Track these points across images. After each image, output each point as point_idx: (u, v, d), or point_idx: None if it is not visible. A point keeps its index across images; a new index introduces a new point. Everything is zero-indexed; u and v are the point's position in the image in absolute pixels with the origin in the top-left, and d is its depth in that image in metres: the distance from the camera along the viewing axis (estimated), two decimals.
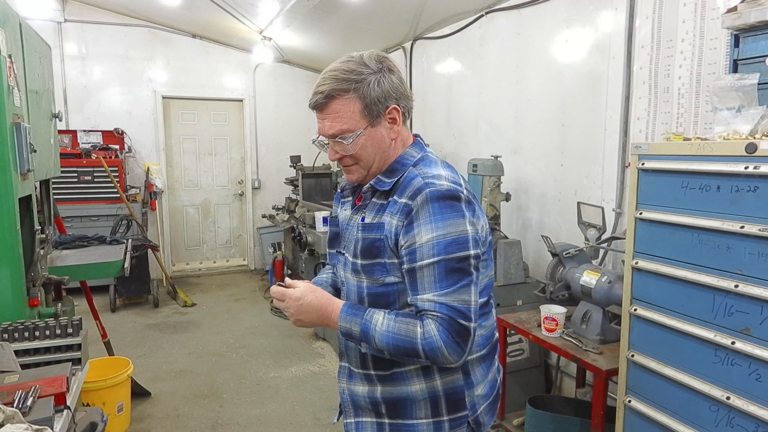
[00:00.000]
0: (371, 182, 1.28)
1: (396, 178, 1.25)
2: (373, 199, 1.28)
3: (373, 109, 1.21)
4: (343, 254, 1.34)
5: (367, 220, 1.26)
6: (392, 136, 1.26)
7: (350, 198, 1.40)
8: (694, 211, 1.72)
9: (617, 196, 2.93)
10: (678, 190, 1.77)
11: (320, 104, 1.23)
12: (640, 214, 1.91)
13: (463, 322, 1.13)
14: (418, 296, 1.16)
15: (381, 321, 1.18)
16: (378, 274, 1.23)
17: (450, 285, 1.14)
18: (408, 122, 1.31)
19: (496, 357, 1.40)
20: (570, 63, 3.26)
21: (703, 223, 1.68)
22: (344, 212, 1.39)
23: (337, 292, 1.47)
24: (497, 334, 1.42)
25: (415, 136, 1.35)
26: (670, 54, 2.60)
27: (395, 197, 1.22)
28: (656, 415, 1.89)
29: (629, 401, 2.01)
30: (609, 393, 2.32)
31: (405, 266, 1.18)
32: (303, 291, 1.26)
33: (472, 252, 1.16)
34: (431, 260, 1.14)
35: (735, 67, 1.96)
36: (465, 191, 1.21)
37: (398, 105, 1.24)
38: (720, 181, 1.64)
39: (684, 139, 1.82)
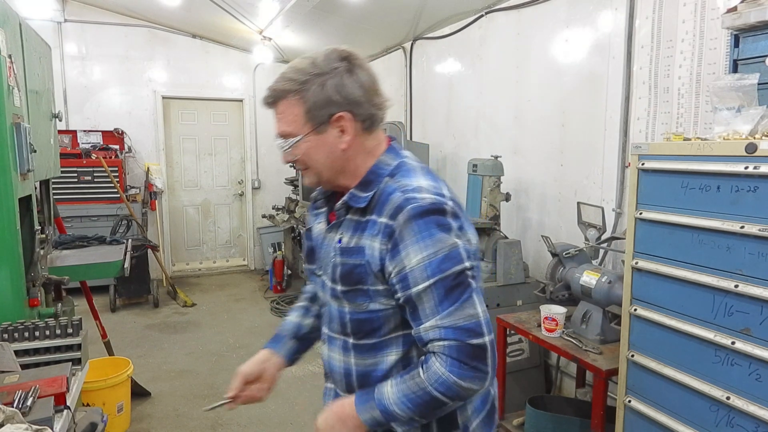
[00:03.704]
0: (345, 198, 1.16)
1: (372, 192, 1.13)
2: (348, 216, 1.17)
3: (316, 115, 1.11)
4: (319, 275, 1.25)
5: (345, 243, 1.15)
6: (342, 146, 1.13)
7: (324, 209, 1.29)
8: (694, 211, 1.72)
9: (617, 196, 2.93)
10: (678, 190, 1.77)
11: (268, 102, 1.17)
12: (640, 214, 1.91)
13: (475, 341, 1.04)
14: (422, 326, 1.07)
15: (389, 390, 1.09)
16: (360, 301, 1.14)
17: (452, 303, 1.04)
18: (375, 129, 1.18)
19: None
20: (570, 63, 3.26)
21: (703, 223, 1.68)
22: (318, 226, 1.28)
23: (301, 343, 1.42)
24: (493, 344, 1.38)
25: (390, 138, 1.23)
26: (670, 54, 2.60)
27: (374, 216, 1.11)
28: (656, 415, 1.89)
29: (629, 401, 2.01)
30: (609, 393, 2.32)
31: (399, 295, 1.09)
32: (319, 422, 1.17)
33: (467, 264, 1.07)
34: (427, 283, 1.04)
35: (735, 67, 1.96)
36: (450, 202, 1.10)
37: (351, 112, 1.12)
38: (720, 181, 1.64)
39: (684, 139, 1.82)
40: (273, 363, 1.38)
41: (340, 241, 1.17)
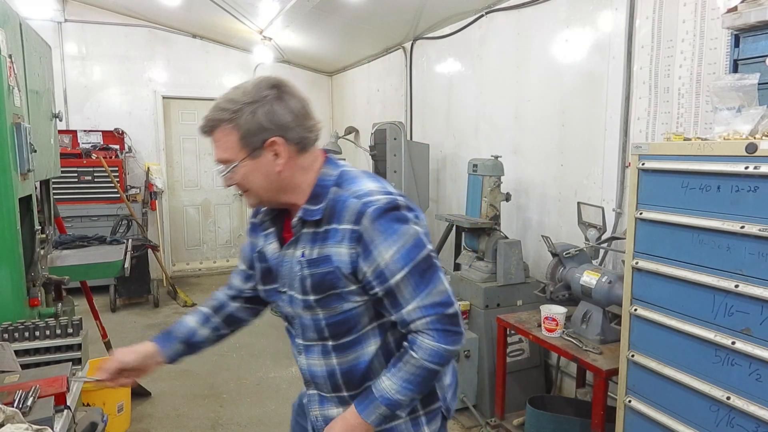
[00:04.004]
0: (299, 214, 1.22)
1: (323, 204, 1.20)
2: (305, 230, 1.23)
3: (250, 141, 1.17)
4: (284, 292, 1.30)
5: (308, 255, 1.21)
6: (277, 168, 1.19)
7: (272, 229, 1.33)
8: (695, 211, 1.72)
9: (617, 196, 2.93)
10: (678, 190, 1.77)
11: (205, 131, 1.23)
12: (641, 214, 1.91)
13: (450, 311, 1.19)
14: (404, 310, 1.18)
15: (388, 383, 1.20)
16: (335, 304, 1.22)
17: (427, 285, 1.18)
18: (309, 149, 1.23)
19: None
20: (570, 63, 3.26)
21: (704, 223, 1.68)
22: (270, 246, 1.32)
23: (189, 348, 1.44)
24: None
25: (325, 152, 1.29)
26: (671, 54, 2.60)
27: (334, 225, 1.18)
28: (656, 415, 1.89)
29: (629, 401, 2.01)
30: (609, 393, 2.32)
31: (377, 290, 1.18)
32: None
33: (429, 246, 1.20)
34: (403, 273, 1.16)
35: (735, 67, 1.96)
36: (400, 197, 1.20)
37: (282, 136, 1.17)
38: (720, 181, 1.64)
39: (684, 139, 1.83)
40: (155, 360, 1.42)
41: (303, 254, 1.23)
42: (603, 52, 3.01)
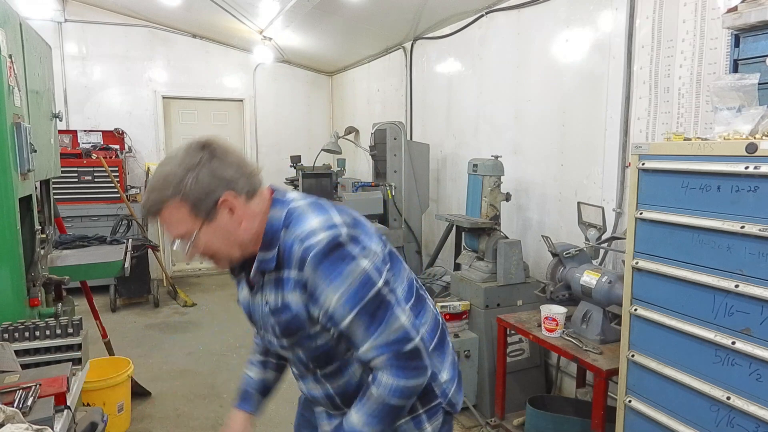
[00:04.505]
0: (255, 266, 1.22)
1: (275, 250, 1.19)
2: (266, 277, 1.24)
3: (202, 207, 1.14)
4: (264, 335, 1.34)
5: (272, 304, 1.23)
6: (234, 224, 1.18)
7: (242, 274, 1.34)
8: (695, 211, 1.72)
9: (617, 196, 2.93)
10: (678, 190, 1.77)
11: (152, 214, 1.18)
12: (641, 214, 1.91)
13: (408, 347, 1.16)
14: (360, 350, 1.18)
15: (355, 417, 1.21)
16: (307, 342, 1.25)
17: (379, 325, 1.15)
18: (257, 195, 1.22)
19: (447, 339, 1.43)
20: (570, 63, 3.26)
21: (704, 223, 1.68)
22: (243, 292, 1.35)
23: (267, 394, 1.55)
24: (441, 318, 1.44)
25: (271, 189, 1.27)
26: (671, 54, 2.60)
27: (286, 271, 1.18)
28: (657, 415, 1.89)
29: (629, 401, 2.01)
30: (609, 393, 2.32)
31: (333, 330, 1.20)
32: None
33: (380, 283, 1.16)
34: (351, 316, 1.14)
35: (735, 67, 1.96)
36: (343, 229, 1.16)
37: (232, 190, 1.16)
38: (720, 181, 1.64)
39: (684, 139, 1.82)
40: (252, 422, 1.52)
41: (267, 303, 1.25)
42: (603, 52, 3.01)
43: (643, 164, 1.89)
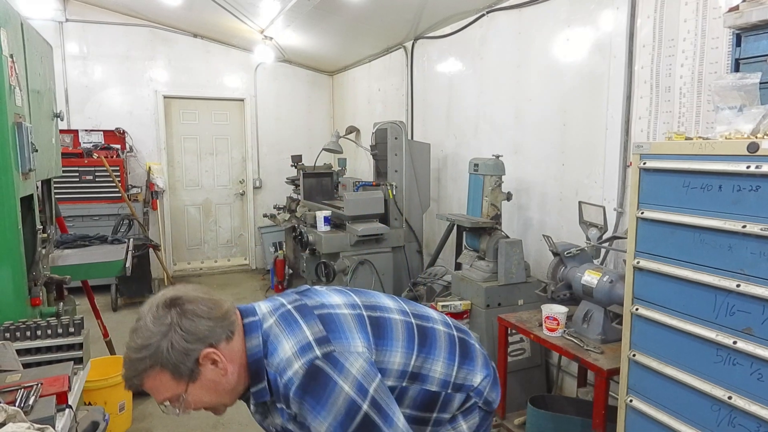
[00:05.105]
0: (252, 401, 1.24)
1: (264, 381, 1.19)
2: (268, 404, 1.25)
3: (184, 369, 1.13)
4: None
5: (279, 428, 1.26)
6: (220, 375, 1.17)
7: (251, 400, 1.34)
8: (696, 211, 1.72)
9: (618, 196, 2.92)
10: (680, 190, 1.77)
11: (134, 386, 1.17)
12: (642, 213, 1.91)
13: None
14: None
15: None
16: None
17: None
18: (236, 334, 1.19)
19: (468, 344, 1.45)
20: (571, 62, 3.26)
21: (705, 222, 1.68)
22: (256, 417, 1.36)
23: None
24: (452, 326, 1.46)
25: (240, 314, 1.23)
26: (672, 53, 2.59)
27: (278, 404, 1.20)
28: (658, 414, 1.89)
29: (631, 401, 2.01)
30: (610, 393, 2.32)
31: None
32: None
33: (365, 406, 1.14)
34: None
35: (737, 67, 1.96)
36: (317, 350, 1.14)
37: (209, 344, 1.14)
38: (722, 181, 1.63)
39: (686, 139, 1.82)
40: None
41: (275, 427, 1.27)
42: (604, 51, 3.00)
43: (644, 164, 1.88)
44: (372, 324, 1.27)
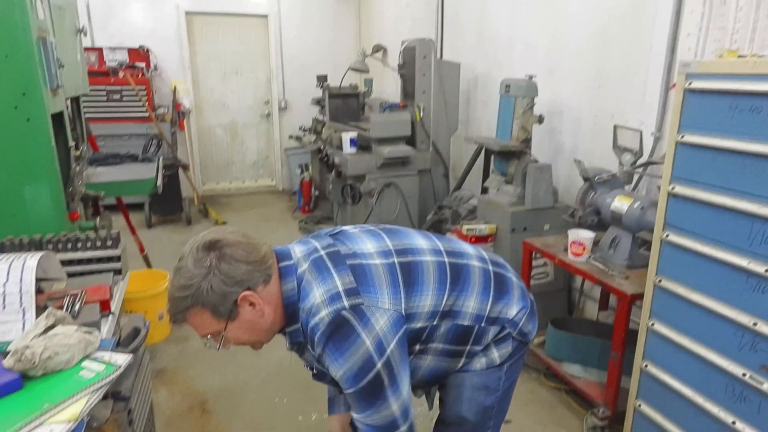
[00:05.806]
0: (288, 341, 1.31)
1: (299, 323, 1.25)
2: (303, 344, 1.30)
3: (223, 310, 1.18)
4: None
5: (313, 364, 1.33)
6: (258, 315, 1.21)
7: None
8: (742, 135, 1.63)
9: (658, 120, 2.79)
10: (725, 112, 1.67)
11: (177, 322, 1.22)
12: (682, 137, 1.82)
13: None
14: (354, 416, 1.28)
15: None
16: None
17: (369, 407, 1.22)
18: (273, 278, 1.23)
19: (505, 278, 1.47)
20: None
21: (751, 147, 1.60)
22: (295, 352, 1.40)
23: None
24: (488, 260, 1.48)
25: (276, 257, 1.27)
26: None
27: (309, 345, 1.25)
28: (679, 338, 1.92)
29: (653, 324, 2.03)
30: (631, 318, 2.35)
31: None
32: None
33: (379, 365, 1.18)
34: (349, 391, 1.21)
35: None
36: (345, 300, 1.17)
37: (247, 288, 1.18)
38: None
39: (738, 57, 1.70)
40: (347, 422, 1.58)
41: (314, 368, 1.35)
42: None
43: (689, 84, 1.77)
44: (403, 272, 1.28)
